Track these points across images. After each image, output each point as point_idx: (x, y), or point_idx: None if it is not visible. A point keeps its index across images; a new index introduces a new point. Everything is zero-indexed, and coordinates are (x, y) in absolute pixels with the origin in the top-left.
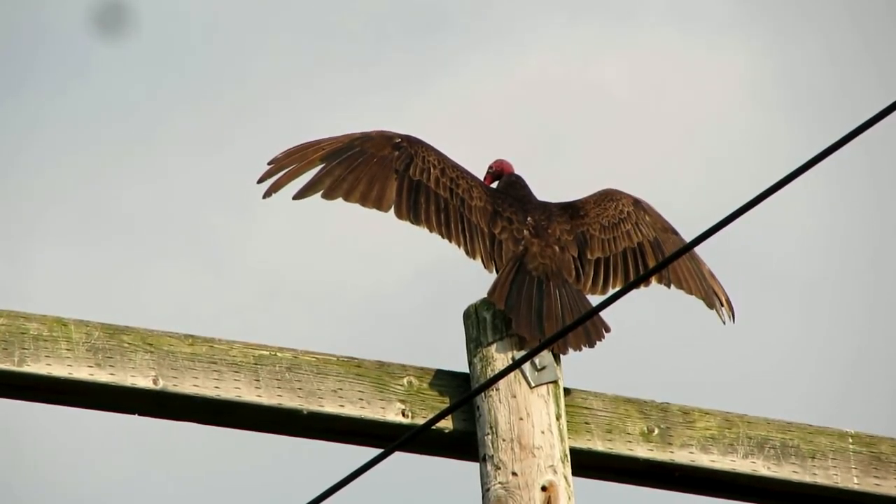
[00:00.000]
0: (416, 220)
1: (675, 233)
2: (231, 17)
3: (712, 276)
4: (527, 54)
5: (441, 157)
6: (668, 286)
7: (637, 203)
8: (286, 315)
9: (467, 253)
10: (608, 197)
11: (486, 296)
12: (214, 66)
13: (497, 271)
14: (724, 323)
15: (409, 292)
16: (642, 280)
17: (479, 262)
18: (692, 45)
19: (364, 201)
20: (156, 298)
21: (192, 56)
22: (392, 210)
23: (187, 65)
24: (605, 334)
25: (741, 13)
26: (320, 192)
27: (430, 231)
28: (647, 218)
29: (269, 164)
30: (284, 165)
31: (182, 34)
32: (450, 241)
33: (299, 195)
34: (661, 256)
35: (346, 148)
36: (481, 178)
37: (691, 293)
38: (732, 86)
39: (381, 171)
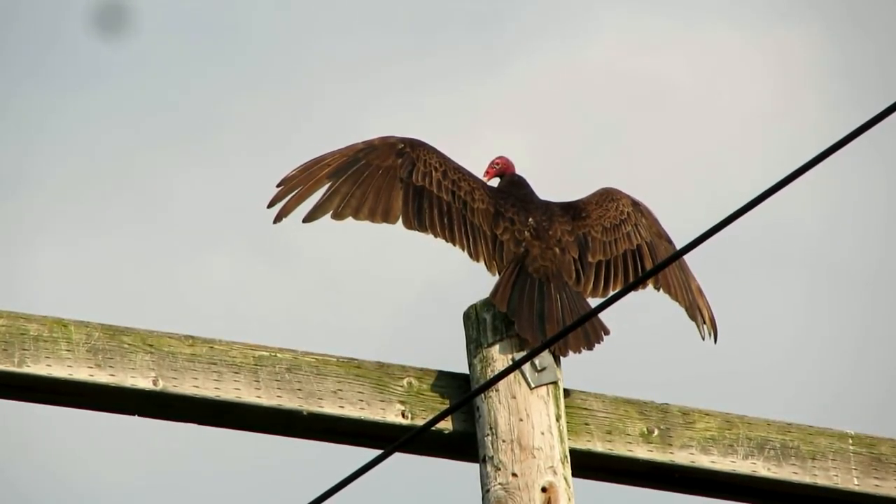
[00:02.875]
0: (420, 227)
1: (669, 241)
2: (289, 8)
3: (700, 292)
4: (589, 44)
5: (443, 160)
6: (658, 290)
7: (636, 205)
8: (285, 313)
9: (471, 256)
10: (609, 197)
11: (488, 297)
12: (269, 57)
13: (499, 272)
14: (704, 339)
15: (410, 292)
16: (640, 282)
17: (482, 264)
18: (752, 35)
19: (373, 217)
20: (200, 294)
21: (246, 47)
22: (400, 221)
23: (242, 56)
24: (604, 337)
25: (801, 2)
26: (330, 213)
27: (435, 236)
28: (644, 221)
29: (277, 186)
30: (293, 187)
31: (235, 25)
32: (453, 244)
33: (309, 218)
34: (656, 260)
35: (352, 162)
36: (482, 174)
37: (676, 300)
38: (791, 75)
39: (387, 181)
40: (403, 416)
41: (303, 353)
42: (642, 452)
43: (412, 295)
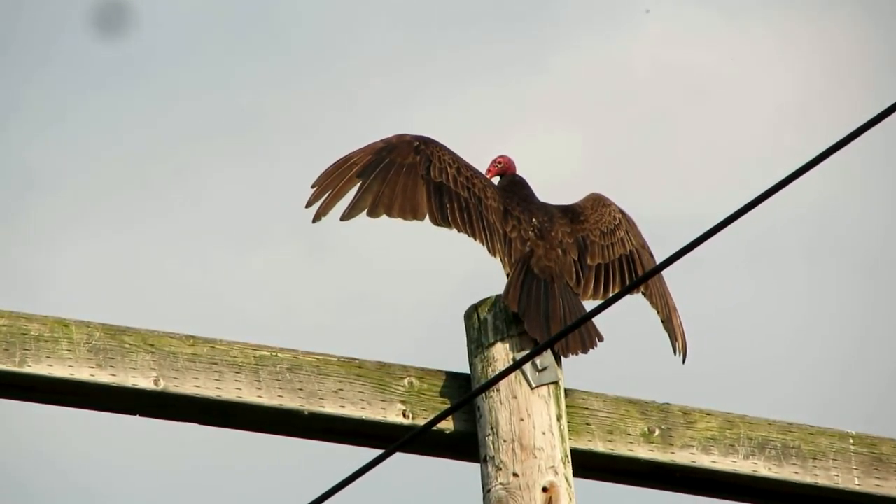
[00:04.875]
0: (444, 222)
1: (650, 253)
2: (332, 1)
3: (675, 310)
4: (633, 36)
5: (454, 157)
6: (644, 296)
7: (622, 212)
8: (284, 313)
9: (489, 251)
10: (601, 202)
11: (500, 299)
12: (311, 50)
13: (510, 269)
14: (675, 355)
15: (410, 293)
16: (637, 285)
17: (498, 260)
18: (794, 24)
19: (403, 214)
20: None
21: (289, 39)
22: (427, 218)
23: (284, 48)
24: (598, 343)
25: None
26: (365, 211)
27: (458, 231)
28: (631, 229)
29: (312, 186)
30: (327, 187)
31: (279, 18)
32: (474, 238)
33: (346, 216)
34: (645, 268)
35: (377, 161)
36: (483, 171)
37: (655, 309)
38: (833, 64)
39: (411, 179)
40: (404, 415)
41: (304, 352)
42: (643, 452)
43: (413, 294)
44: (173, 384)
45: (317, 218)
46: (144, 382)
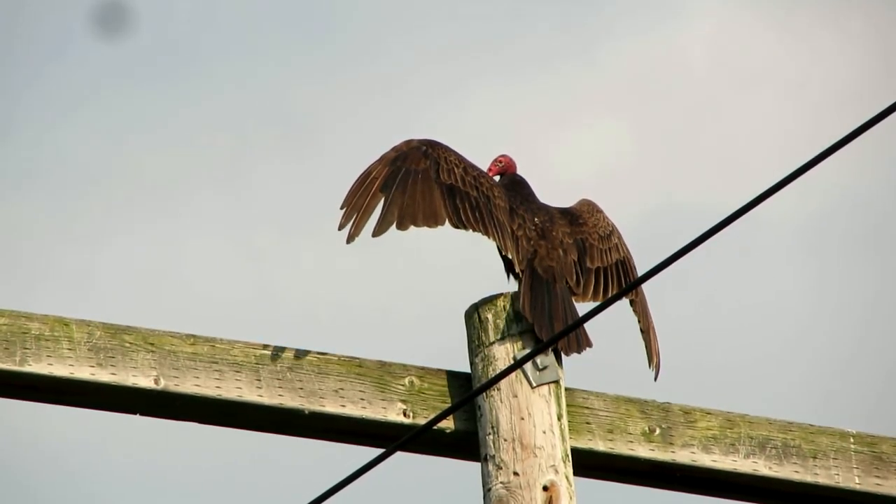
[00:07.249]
0: (459, 223)
1: (633, 262)
2: None
3: (653, 326)
4: (683, 27)
5: (459, 157)
6: (630, 302)
7: (611, 220)
8: (284, 314)
9: (502, 249)
10: (595, 208)
11: (513, 305)
12: (357, 44)
13: (519, 267)
14: (649, 368)
15: (410, 292)
16: (632, 288)
17: (511, 257)
18: (844, 17)
19: (427, 222)
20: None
21: (336, 32)
22: (447, 223)
23: (330, 41)
24: (590, 346)
25: None
26: (394, 225)
27: (473, 231)
28: (620, 236)
29: (340, 208)
30: (354, 206)
31: (330, 11)
32: (487, 237)
33: (377, 233)
34: (635, 274)
35: (395, 171)
36: (486, 170)
37: (637, 318)
38: (885, 57)
39: (426, 185)
40: (405, 415)
41: (304, 351)
42: (644, 451)
43: (413, 293)
44: (174, 383)
45: (350, 240)
46: (145, 381)
